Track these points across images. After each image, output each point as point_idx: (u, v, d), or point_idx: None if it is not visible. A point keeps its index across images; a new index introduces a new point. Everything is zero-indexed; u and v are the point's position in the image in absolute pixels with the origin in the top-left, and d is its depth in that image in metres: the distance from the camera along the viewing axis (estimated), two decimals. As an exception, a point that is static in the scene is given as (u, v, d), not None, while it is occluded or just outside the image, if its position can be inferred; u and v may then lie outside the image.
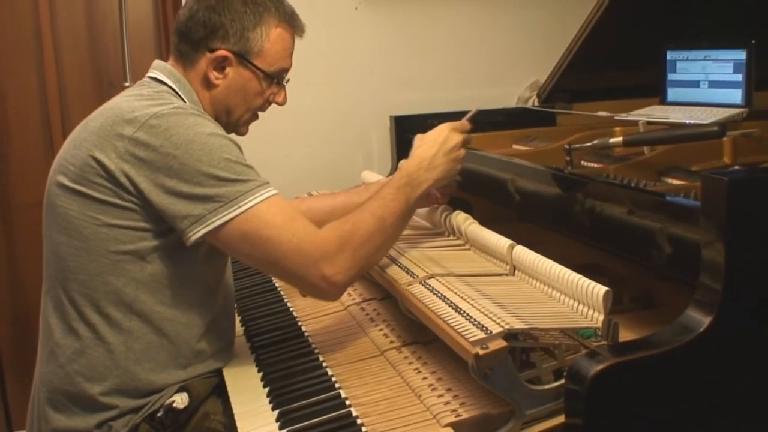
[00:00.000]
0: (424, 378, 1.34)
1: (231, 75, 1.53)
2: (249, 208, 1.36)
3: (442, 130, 1.61)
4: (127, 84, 2.46)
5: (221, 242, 1.40)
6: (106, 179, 1.38)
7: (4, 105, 2.67)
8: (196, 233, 1.37)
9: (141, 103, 1.42)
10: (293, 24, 1.59)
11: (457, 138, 1.61)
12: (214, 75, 1.53)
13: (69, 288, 1.43)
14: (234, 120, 1.59)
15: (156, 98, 1.45)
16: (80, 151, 1.41)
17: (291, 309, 1.79)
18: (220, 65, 1.52)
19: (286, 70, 1.61)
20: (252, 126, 1.64)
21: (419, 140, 1.62)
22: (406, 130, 2.50)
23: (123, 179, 1.37)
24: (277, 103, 1.62)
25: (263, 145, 2.52)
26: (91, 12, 2.72)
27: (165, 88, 1.51)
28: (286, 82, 1.63)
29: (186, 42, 1.53)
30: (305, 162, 2.74)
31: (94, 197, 1.39)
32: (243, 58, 1.53)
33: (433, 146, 1.58)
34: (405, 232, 1.71)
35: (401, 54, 2.81)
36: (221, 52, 1.51)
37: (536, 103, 2.57)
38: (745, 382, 1.17)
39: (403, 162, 1.60)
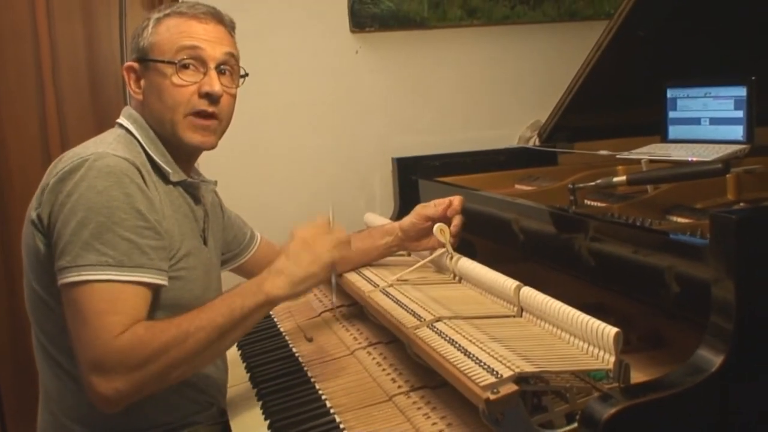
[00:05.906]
0: (434, 423, 1.32)
1: (144, 84, 1.51)
2: (85, 281, 1.29)
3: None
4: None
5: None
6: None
7: (5, 152, 2.68)
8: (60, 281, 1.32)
9: (74, 152, 1.41)
10: (182, 11, 1.50)
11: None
12: (133, 91, 1.52)
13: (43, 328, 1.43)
14: (170, 128, 1.49)
15: (90, 147, 1.41)
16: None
17: (296, 354, 1.77)
18: (134, 80, 1.52)
19: (186, 48, 1.47)
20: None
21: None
22: (408, 171, 2.51)
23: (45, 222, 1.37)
24: (209, 93, 1.47)
25: (265, 189, 2.52)
26: (93, 61, 2.74)
27: (121, 131, 1.49)
28: (223, 71, 1.51)
29: None
30: (308, 205, 2.73)
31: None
32: (141, 61, 1.51)
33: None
34: (410, 276, 1.71)
35: (402, 96, 2.83)
36: (125, 66, 1.53)
37: (537, 143, 2.58)
38: (759, 421, 1.15)
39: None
